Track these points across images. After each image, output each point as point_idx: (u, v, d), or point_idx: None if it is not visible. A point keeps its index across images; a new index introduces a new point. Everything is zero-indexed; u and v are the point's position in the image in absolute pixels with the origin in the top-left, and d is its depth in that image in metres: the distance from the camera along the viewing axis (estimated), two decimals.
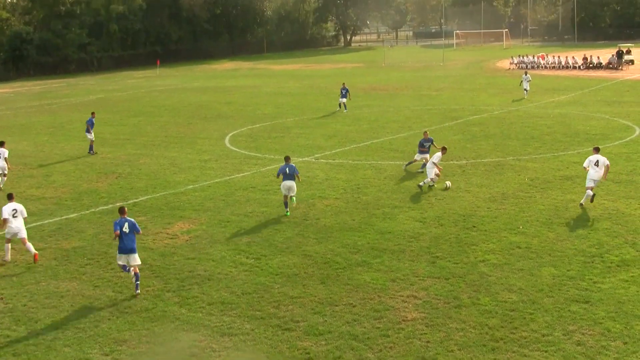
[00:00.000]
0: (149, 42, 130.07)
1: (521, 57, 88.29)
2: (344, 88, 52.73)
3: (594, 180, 24.79)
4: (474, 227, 23.00)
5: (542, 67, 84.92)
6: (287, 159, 25.69)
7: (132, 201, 28.30)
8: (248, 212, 25.87)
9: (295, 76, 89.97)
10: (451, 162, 32.75)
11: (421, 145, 31.21)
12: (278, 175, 25.56)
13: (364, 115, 50.33)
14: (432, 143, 31.18)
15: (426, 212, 24.87)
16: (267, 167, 33.41)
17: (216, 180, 31.34)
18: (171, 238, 23.26)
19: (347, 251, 21.20)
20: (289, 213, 25.22)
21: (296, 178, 25.47)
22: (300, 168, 32.75)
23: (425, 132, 32.34)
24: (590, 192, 24.62)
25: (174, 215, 25.96)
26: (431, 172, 28.12)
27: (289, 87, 76.02)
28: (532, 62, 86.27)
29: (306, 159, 35.07)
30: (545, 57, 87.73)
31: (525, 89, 56.97)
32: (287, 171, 25.16)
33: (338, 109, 52.74)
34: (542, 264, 19.41)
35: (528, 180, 28.91)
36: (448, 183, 28.28)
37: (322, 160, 34.75)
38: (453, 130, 41.99)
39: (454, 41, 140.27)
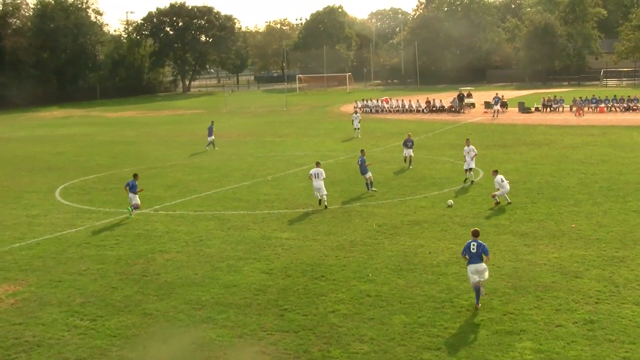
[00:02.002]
0: None
1: (365, 101, 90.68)
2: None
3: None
4: (323, 276, 23.21)
5: (386, 111, 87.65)
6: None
7: None
8: (82, 271, 25.11)
9: (132, 124, 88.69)
10: (297, 209, 33.10)
11: (405, 144, 44.57)
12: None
13: (204, 163, 50.13)
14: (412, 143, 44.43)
15: (273, 263, 24.92)
16: (102, 221, 32.58)
17: (46, 237, 30.28)
18: None
19: (190, 307, 20.87)
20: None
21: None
22: (137, 221, 32.21)
23: (409, 134, 45.27)
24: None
25: None
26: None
27: (125, 135, 74.79)
28: (376, 106, 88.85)
29: (144, 211, 34.47)
30: (389, 100, 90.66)
31: (356, 128, 61.95)
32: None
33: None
34: (393, 312, 19.79)
35: (376, 226, 29.53)
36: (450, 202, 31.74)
37: (161, 212, 34.29)
38: (298, 177, 42.48)
39: (297, 85, 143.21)
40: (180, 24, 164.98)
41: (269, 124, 78.82)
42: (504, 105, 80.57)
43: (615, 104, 78.56)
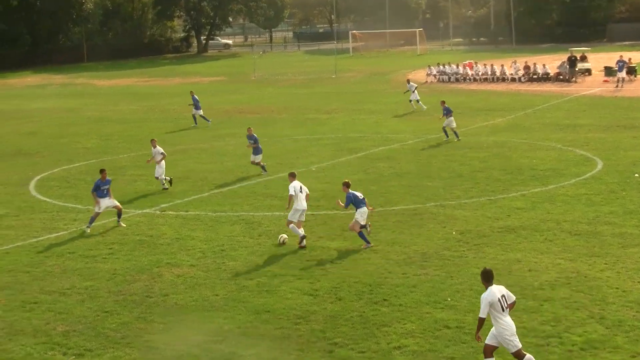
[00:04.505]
0: None
1: (442, 67, 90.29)
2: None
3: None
4: (385, 300, 23.11)
5: (469, 79, 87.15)
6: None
7: None
8: (65, 289, 25.26)
9: (130, 95, 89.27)
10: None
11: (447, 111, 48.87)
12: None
13: (227, 148, 50.31)
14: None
15: (318, 282, 24.87)
16: (93, 224, 32.78)
17: (17, 244, 30.54)
18: None
19: (208, 340, 20.93)
20: None
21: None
22: (138, 224, 32.43)
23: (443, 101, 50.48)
24: None
25: None
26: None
27: (120, 110, 75.27)
28: (456, 73, 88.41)
29: (147, 210, 34.64)
30: (474, 65, 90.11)
31: (415, 100, 64.57)
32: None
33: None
34: (480, 350, 19.64)
35: (456, 234, 29.40)
36: (283, 237, 29.08)
37: (170, 213, 34.45)
38: (352, 167, 42.52)
39: (350, 45, 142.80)
40: None
41: (311, 97, 78.81)
42: (632, 71, 79.60)
43: None
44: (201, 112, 62.06)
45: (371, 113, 64.70)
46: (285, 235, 29.07)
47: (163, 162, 38.98)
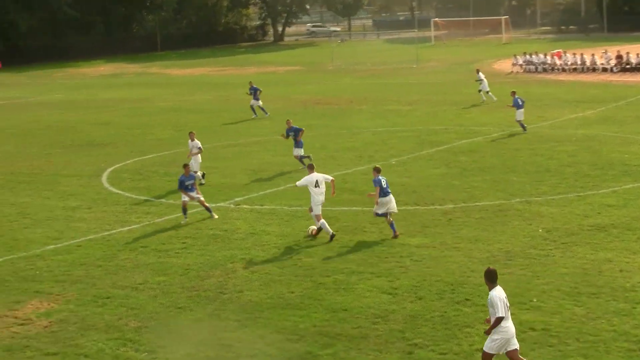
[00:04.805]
0: None
1: (528, 56, 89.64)
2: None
3: None
4: (467, 300, 23.03)
5: (558, 69, 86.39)
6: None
7: None
8: (137, 284, 25.56)
9: (204, 84, 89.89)
10: (431, 206, 32.90)
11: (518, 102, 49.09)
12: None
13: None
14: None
15: (398, 280, 24.82)
16: (165, 217, 33.18)
17: (89, 238, 30.95)
18: (21, 324, 22.78)
19: (283, 338, 21.02)
20: None
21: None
22: (215, 218, 32.60)
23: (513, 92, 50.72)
24: None
25: (25, 291, 25.47)
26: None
27: (194, 100, 75.88)
28: (543, 63, 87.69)
29: (221, 204, 34.90)
30: (563, 55, 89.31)
31: (485, 91, 64.33)
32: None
33: None
34: (568, 353, 19.49)
35: (543, 231, 29.19)
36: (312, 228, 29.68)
37: (244, 206, 34.66)
38: (433, 160, 42.41)
39: (432, 33, 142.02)
40: None
41: (391, 87, 78.67)
42: None
43: None
44: (260, 102, 62.26)
45: (453, 104, 64.42)
46: (314, 227, 29.48)
47: (199, 156, 39.41)
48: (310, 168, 30.95)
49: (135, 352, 20.74)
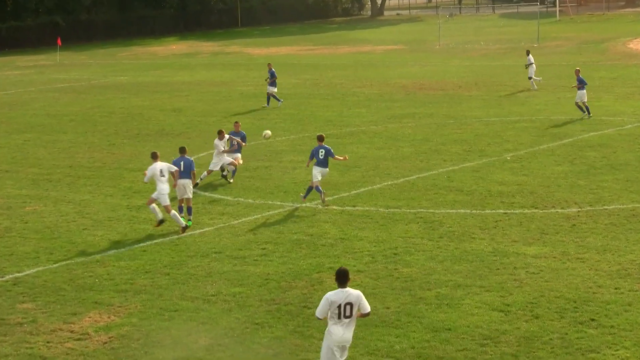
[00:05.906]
0: (43, 8, 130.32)
1: None
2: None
3: None
4: (593, 320, 22.74)
5: None
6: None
7: (10, 276, 28.05)
8: (209, 295, 25.67)
9: (290, 66, 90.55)
10: (552, 209, 32.31)
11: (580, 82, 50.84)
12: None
13: (404, 131, 50.16)
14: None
15: (511, 296, 24.62)
16: (242, 219, 33.36)
17: (156, 241, 31.21)
18: (78, 339, 22.96)
19: None
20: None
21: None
22: (296, 221, 32.56)
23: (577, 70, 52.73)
24: None
25: (83, 301, 25.68)
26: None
27: (279, 84, 75.95)
28: None
29: (307, 205, 34.70)
30: None
31: (532, 77, 65.04)
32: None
33: None
34: None
35: None
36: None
37: (334, 208, 34.56)
38: (556, 156, 42.07)
39: (557, 8, 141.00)
40: None
41: (507, 70, 78.48)
42: None
43: None
44: (275, 89, 62.67)
45: None
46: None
47: (224, 155, 39.55)
48: (154, 157, 33.00)
49: None
